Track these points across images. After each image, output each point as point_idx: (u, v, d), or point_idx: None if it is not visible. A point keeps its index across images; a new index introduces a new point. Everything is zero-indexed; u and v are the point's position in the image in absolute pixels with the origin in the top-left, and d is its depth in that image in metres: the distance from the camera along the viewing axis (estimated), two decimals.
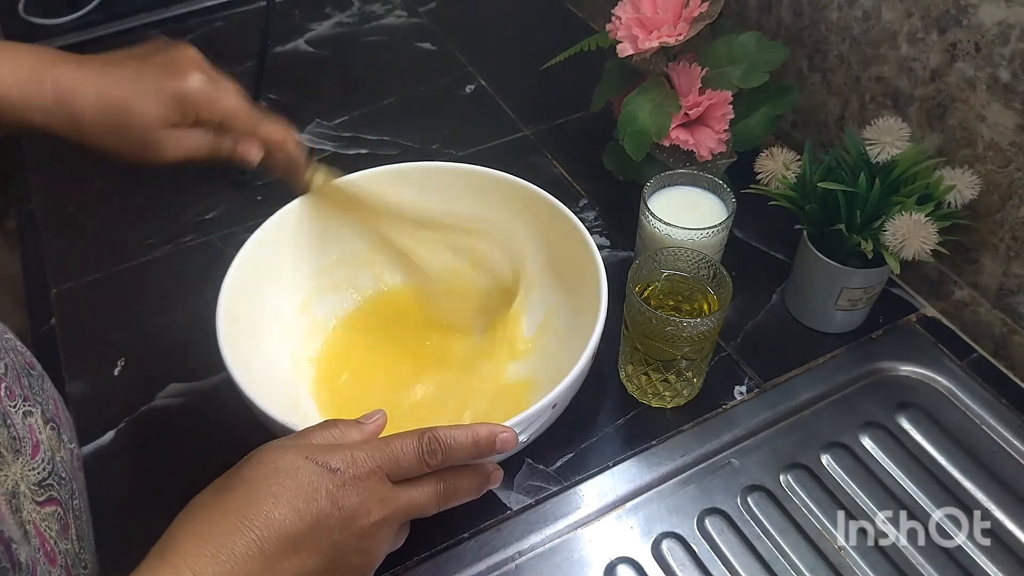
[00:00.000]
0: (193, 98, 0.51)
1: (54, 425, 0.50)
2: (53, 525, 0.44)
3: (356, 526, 0.40)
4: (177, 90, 0.50)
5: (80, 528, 0.48)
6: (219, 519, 0.37)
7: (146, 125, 0.50)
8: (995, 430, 0.61)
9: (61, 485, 0.47)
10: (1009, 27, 0.57)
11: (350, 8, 1.06)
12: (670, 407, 0.62)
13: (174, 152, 0.52)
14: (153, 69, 0.51)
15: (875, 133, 0.59)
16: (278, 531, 0.37)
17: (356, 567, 0.41)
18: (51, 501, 0.45)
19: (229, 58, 0.57)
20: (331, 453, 0.40)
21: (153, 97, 0.50)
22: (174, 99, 0.50)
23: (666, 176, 0.66)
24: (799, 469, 0.60)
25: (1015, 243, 0.61)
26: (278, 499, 0.38)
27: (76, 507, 0.48)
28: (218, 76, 0.53)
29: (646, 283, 0.60)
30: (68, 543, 0.45)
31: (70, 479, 0.48)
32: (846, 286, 0.62)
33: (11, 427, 0.43)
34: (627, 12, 0.70)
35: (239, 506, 0.38)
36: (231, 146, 0.54)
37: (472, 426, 0.44)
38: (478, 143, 0.87)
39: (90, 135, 0.50)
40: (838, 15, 0.71)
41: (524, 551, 0.55)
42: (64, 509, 0.46)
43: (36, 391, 0.49)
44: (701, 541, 0.56)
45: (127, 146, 0.51)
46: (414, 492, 0.43)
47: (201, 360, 0.62)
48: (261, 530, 0.37)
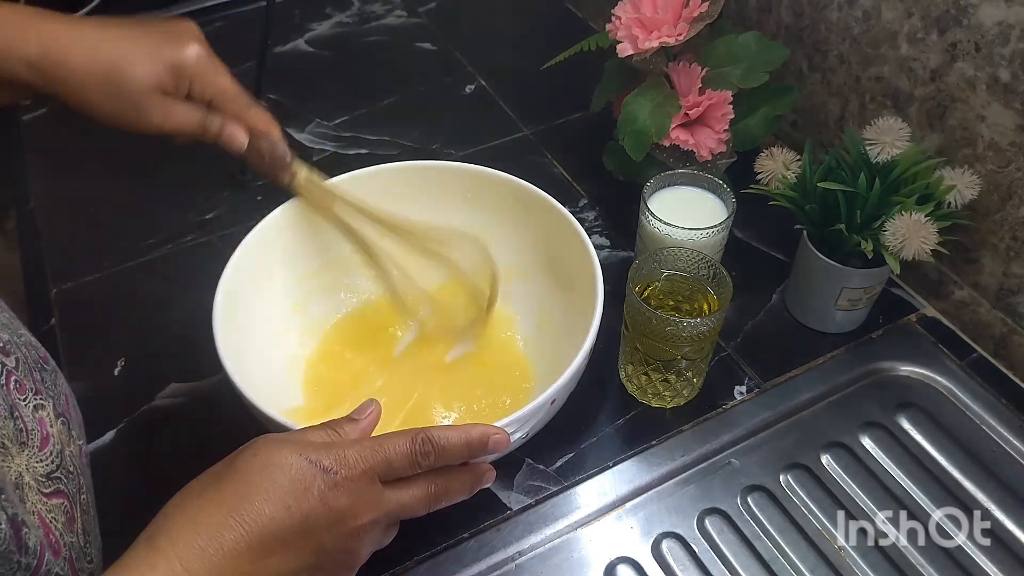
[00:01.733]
0: (189, 68, 0.50)
1: (64, 420, 0.50)
2: (59, 517, 0.44)
3: (344, 527, 0.40)
4: (174, 57, 0.50)
5: (87, 523, 0.48)
6: (211, 511, 0.37)
7: (137, 87, 0.49)
8: (995, 430, 0.61)
9: (69, 479, 0.47)
10: (1009, 27, 0.57)
11: (350, 8, 1.06)
12: (670, 407, 0.62)
13: (160, 120, 0.51)
14: (152, 34, 0.50)
15: (875, 133, 0.59)
16: (266, 527, 0.37)
17: (340, 566, 0.41)
18: (58, 494, 0.45)
19: (229, 58, 0.57)
20: (324, 451, 0.40)
21: (148, 60, 0.49)
22: (170, 66, 0.50)
23: (666, 176, 0.66)
24: (799, 469, 0.60)
25: (1015, 243, 0.61)
26: (269, 494, 0.38)
27: (84, 502, 0.48)
28: (215, 56, 0.53)
29: (646, 283, 0.60)
30: (74, 536, 0.45)
31: (78, 474, 0.49)
32: (846, 286, 0.62)
33: (18, 419, 0.43)
34: (627, 12, 0.70)
35: (231, 499, 0.37)
36: (218, 127, 0.54)
37: (465, 427, 0.44)
38: (478, 143, 0.87)
39: (76, 92, 0.49)
40: (838, 15, 0.71)
41: (524, 551, 0.55)
42: (71, 503, 0.46)
43: (48, 386, 0.49)
44: (701, 541, 0.56)
45: (113, 107, 0.50)
46: (404, 494, 0.42)
47: (201, 360, 0.62)
48: (250, 525, 0.37)
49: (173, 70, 0.50)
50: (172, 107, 0.51)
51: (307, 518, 0.38)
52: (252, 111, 0.55)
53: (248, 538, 0.37)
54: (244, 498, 0.37)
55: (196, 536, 0.36)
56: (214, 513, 0.37)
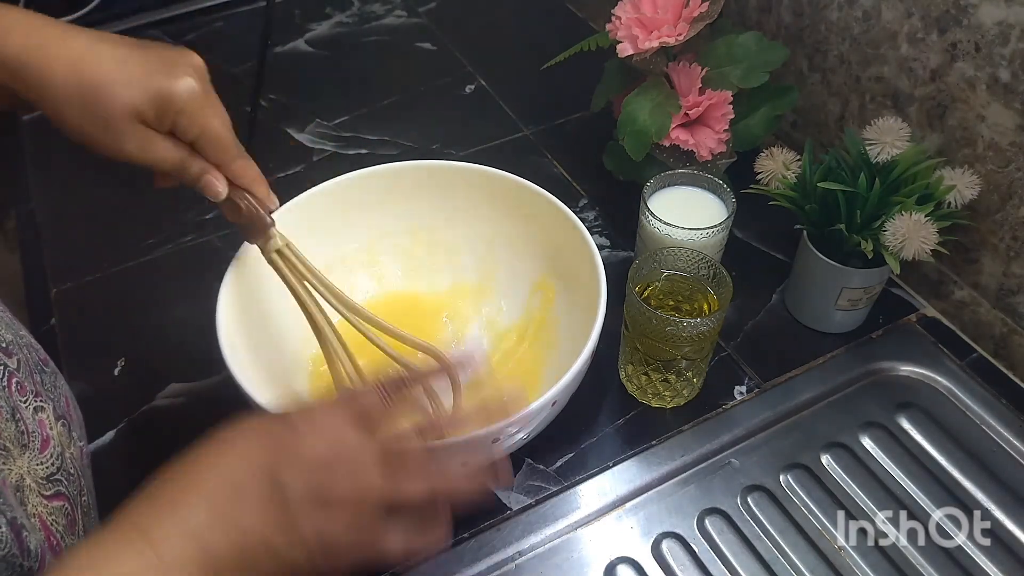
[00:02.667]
0: (177, 103, 0.46)
1: (65, 422, 0.50)
2: (60, 520, 0.44)
3: (304, 462, 0.37)
4: (163, 87, 0.46)
5: (88, 525, 0.48)
6: (170, 486, 0.37)
7: (114, 111, 0.45)
8: (995, 430, 0.61)
9: (70, 481, 0.47)
10: (1009, 27, 0.57)
11: (350, 8, 1.06)
12: (670, 407, 0.62)
13: (134, 150, 0.47)
14: (147, 59, 0.47)
15: (875, 133, 0.59)
16: (224, 477, 0.36)
17: (322, 532, 0.36)
18: (59, 496, 0.45)
19: (229, 58, 0.56)
20: (290, 412, 0.40)
21: (133, 85, 0.45)
22: (155, 95, 0.46)
23: (666, 176, 0.66)
24: (799, 469, 0.60)
25: (1015, 243, 0.61)
26: (228, 447, 0.37)
27: (84, 504, 0.48)
28: (213, 95, 0.49)
29: (646, 283, 0.60)
30: (75, 538, 0.45)
31: (79, 476, 0.48)
32: (846, 286, 0.62)
33: (20, 421, 0.43)
34: (627, 12, 0.70)
35: (197, 468, 0.37)
36: (198, 172, 0.49)
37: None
38: (478, 143, 0.87)
39: (51, 104, 0.45)
40: (838, 15, 0.71)
41: (524, 551, 0.55)
42: (72, 505, 0.46)
43: (48, 387, 0.49)
44: (701, 541, 0.56)
45: (87, 125, 0.46)
46: (387, 437, 0.40)
47: (201, 360, 0.62)
48: (211, 481, 0.36)
49: (158, 101, 0.46)
50: (151, 139, 0.47)
51: (262, 462, 0.37)
52: (238, 162, 0.50)
53: (210, 496, 0.36)
54: (205, 464, 0.37)
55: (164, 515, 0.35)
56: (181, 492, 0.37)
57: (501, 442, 0.50)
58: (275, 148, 0.86)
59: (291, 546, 0.36)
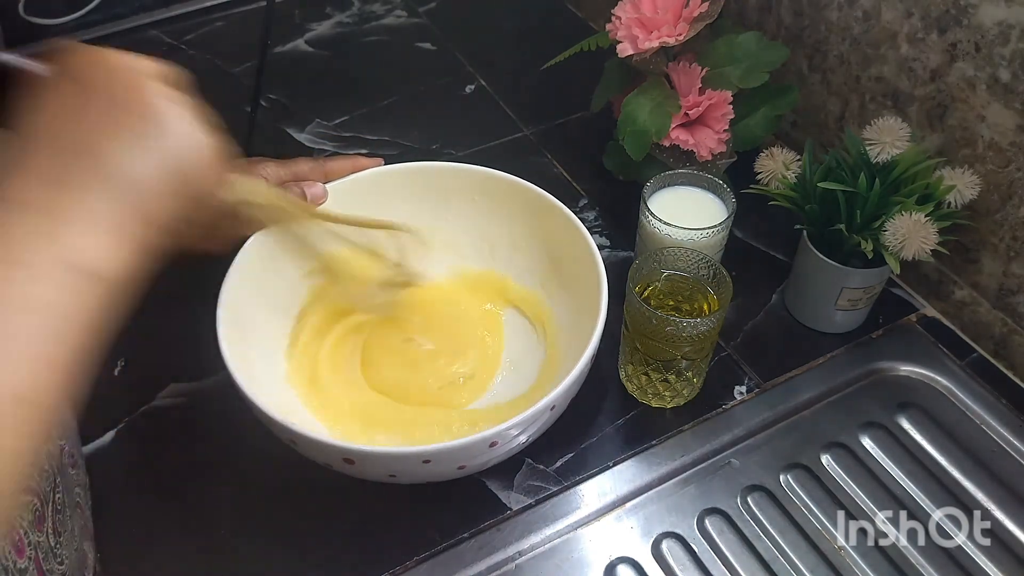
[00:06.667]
0: (247, 198, 0.49)
1: None
2: (26, 515, 0.44)
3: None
4: (228, 207, 0.48)
5: (60, 523, 0.48)
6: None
7: (223, 242, 0.52)
8: (995, 430, 0.61)
9: (42, 477, 0.46)
10: (1009, 27, 0.57)
11: (350, 8, 1.06)
12: (670, 407, 0.62)
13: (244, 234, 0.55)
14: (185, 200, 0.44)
15: (875, 133, 0.59)
16: (45, 112, 0.37)
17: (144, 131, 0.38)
18: (26, 491, 0.44)
19: (229, 58, 0.56)
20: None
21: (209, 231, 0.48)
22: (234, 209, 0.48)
23: (666, 176, 0.66)
24: (799, 469, 0.60)
25: (1015, 243, 0.61)
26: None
27: (58, 501, 0.48)
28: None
29: (646, 283, 0.60)
30: (42, 536, 0.45)
31: (54, 473, 0.48)
32: (846, 286, 0.62)
33: None
34: (627, 12, 0.70)
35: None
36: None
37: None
38: (478, 143, 0.87)
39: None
40: (838, 15, 0.71)
41: (524, 551, 0.55)
42: (42, 501, 0.46)
43: None
44: (701, 541, 0.56)
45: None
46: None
47: (201, 360, 0.62)
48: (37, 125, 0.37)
49: (237, 207, 0.48)
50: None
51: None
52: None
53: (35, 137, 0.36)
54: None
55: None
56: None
57: (500, 445, 0.51)
58: (275, 148, 0.86)
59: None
